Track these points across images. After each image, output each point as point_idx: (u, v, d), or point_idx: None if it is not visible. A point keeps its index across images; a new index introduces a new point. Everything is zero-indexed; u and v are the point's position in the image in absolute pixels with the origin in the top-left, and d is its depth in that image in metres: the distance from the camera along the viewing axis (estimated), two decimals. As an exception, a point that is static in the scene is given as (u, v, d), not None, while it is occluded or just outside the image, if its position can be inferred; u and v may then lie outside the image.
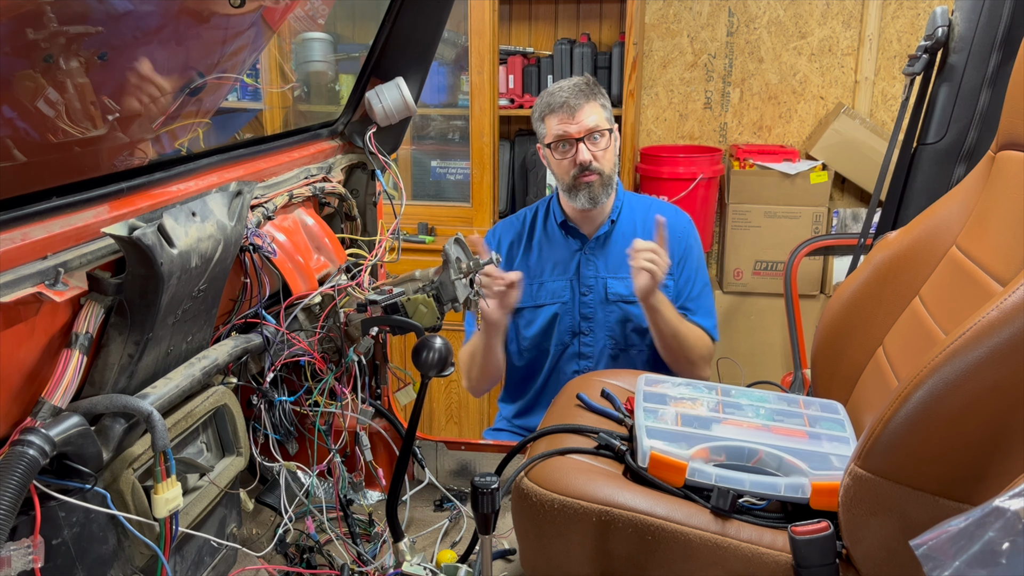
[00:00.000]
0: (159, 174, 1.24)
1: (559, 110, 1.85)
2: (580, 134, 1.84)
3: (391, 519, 1.44)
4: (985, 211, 1.29)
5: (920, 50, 1.86)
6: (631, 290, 1.90)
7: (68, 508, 1.03)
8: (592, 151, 1.86)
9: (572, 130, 1.84)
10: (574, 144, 1.85)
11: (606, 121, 1.88)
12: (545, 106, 1.89)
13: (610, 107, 1.92)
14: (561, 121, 1.86)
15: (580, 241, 1.98)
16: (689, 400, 1.38)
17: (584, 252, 1.97)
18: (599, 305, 1.97)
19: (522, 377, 2.07)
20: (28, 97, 1.26)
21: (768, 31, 3.20)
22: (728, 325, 3.13)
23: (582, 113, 1.84)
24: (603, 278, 1.96)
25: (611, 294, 1.96)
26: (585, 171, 1.86)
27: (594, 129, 1.85)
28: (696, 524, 1.13)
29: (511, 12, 3.26)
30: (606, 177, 1.89)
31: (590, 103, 1.85)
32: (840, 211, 3.06)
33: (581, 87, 1.87)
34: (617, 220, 1.97)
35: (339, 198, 1.71)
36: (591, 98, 1.86)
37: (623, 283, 1.94)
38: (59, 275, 0.99)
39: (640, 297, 1.80)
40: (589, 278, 1.97)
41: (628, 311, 1.95)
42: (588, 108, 1.85)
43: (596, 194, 1.89)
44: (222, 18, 1.53)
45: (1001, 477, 0.89)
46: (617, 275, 1.95)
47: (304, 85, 3.25)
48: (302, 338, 1.47)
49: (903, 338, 1.37)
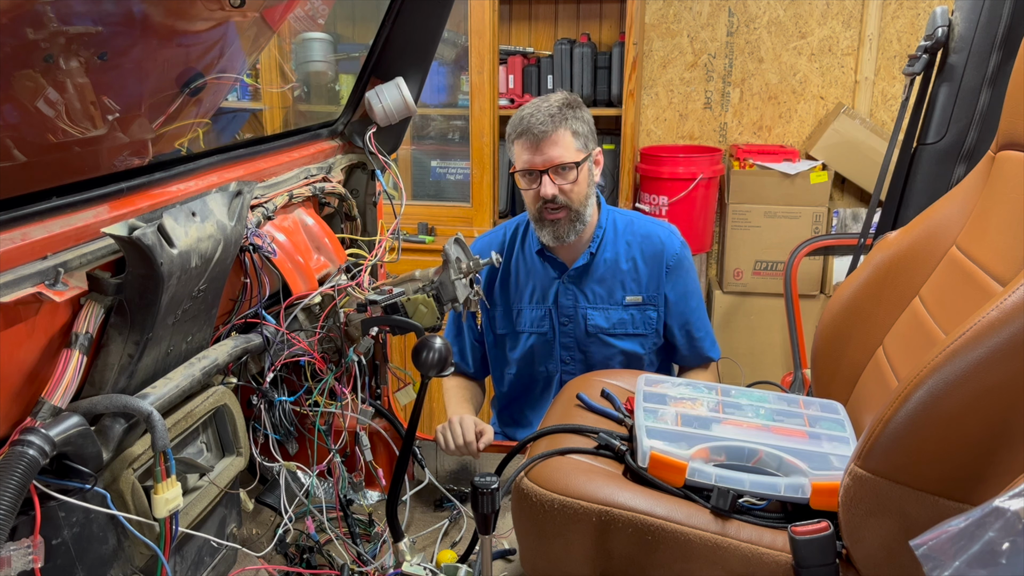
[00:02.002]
0: (159, 174, 1.24)
1: (525, 136, 1.72)
2: (544, 166, 1.71)
3: (391, 519, 1.44)
4: (985, 211, 1.29)
5: (920, 50, 1.86)
6: (612, 323, 1.86)
7: (68, 508, 1.03)
8: (559, 184, 1.73)
9: (536, 161, 1.72)
10: (539, 176, 1.73)
11: (576, 151, 1.73)
12: (513, 129, 1.75)
13: (588, 130, 1.77)
14: (526, 149, 1.73)
15: (559, 270, 1.88)
16: (689, 400, 1.38)
17: (562, 282, 1.88)
18: (580, 337, 1.90)
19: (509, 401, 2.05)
20: (28, 97, 1.26)
21: (768, 31, 3.20)
22: (728, 325, 3.13)
23: (548, 143, 1.70)
24: (583, 309, 1.88)
25: (591, 326, 1.88)
26: (549, 204, 1.74)
27: (558, 162, 1.71)
28: (696, 524, 1.13)
29: (511, 12, 3.26)
30: (574, 212, 1.76)
31: (559, 131, 1.70)
32: (840, 211, 3.06)
33: (553, 111, 1.71)
34: (597, 252, 1.86)
35: (339, 198, 1.71)
36: (561, 124, 1.71)
37: (603, 315, 1.87)
38: (59, 275, 0.99)
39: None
40: (568, 308, 1.88)
41: (610, 343, 1.88)
42: (555, 137, 1.70)
43: (561, 233, 1.77)
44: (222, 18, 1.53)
45: (1001, 477, 0.89)
46: (597, 307, 1.87)
47: (304, 85, 3.25)
48: (302, 338, 1.47)
49: (903, 338, 1.37)
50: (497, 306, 1.95)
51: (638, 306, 1.88)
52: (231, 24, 1.59)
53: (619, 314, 1.88)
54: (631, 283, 1.88)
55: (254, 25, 1.69)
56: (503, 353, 1.99)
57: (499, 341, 1.98)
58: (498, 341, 1.99)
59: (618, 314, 1.88)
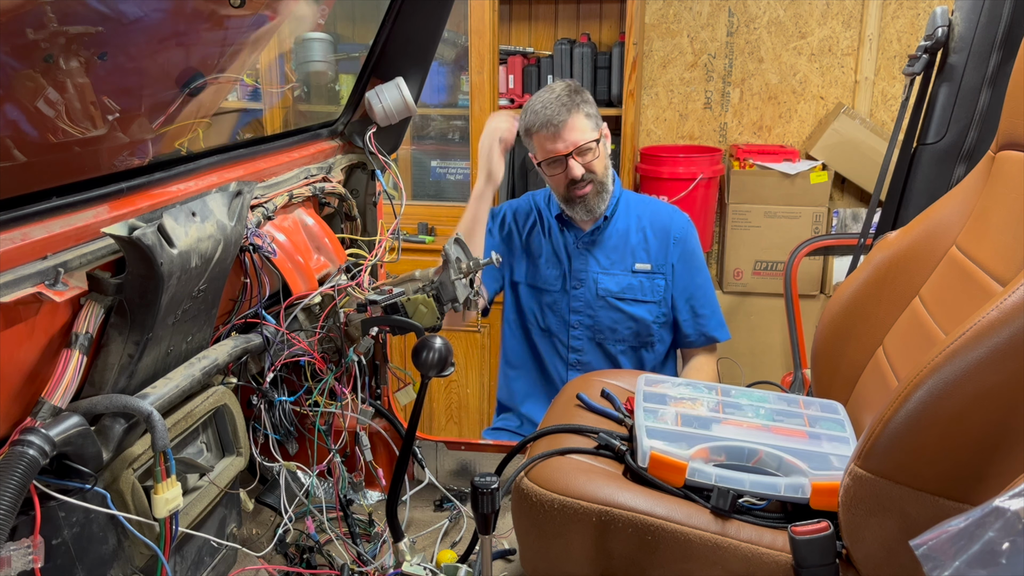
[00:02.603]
0: (159, 174, 1.24)
1: (543, 128, 1.85)
2: (567, 151, 1.85)
3: (391, 519, 1.44)
4: (985, 211, 1.29)
5: (920, 50, 1.86)
6: (621, 287, 1.93)
7: (68, 508, 1.03)
8: (583, 163, 1.86)
9: (560, 147, 1.85)
10: (564, 161, 1.86)
11: (592, 131, 1.87)
12: (530, 123, 1.88)
13: (595, 111, 1.90)
14: (547, 139, 1.86)
15: (574, 234, 2.00)
16: (689, 400, 1.38)
17: (577, 246, 2.00)
18: (590, 300, 1.99)
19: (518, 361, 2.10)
20: (28, 97, 1.26)
21: (768, 31, 3.20)
22: (728, 325, 3.12)
23: (566, 129, 1.83)
24: (594, 273, 1.98)
25: (601, 290, 1.98)
26: (579, 182, 1.87)
27: (581, 144, 1.85)
28: (696, 524, 1.13)
29: (511, 12, 3.26)
30: (599, 183, 1.90)
31: (573, 116, 1.84)
32: (840, 211, 3.06)
33: (563, 100, 1.84)
34: (611, 216, 1.98)
35: (339, 198, 1.71)
36: (573, 110, 1.84)
37: (614, 280, 1.97)
38: (59, 275, 0.99)
39: None
40: (580, 272, 1.99)
41: (619, 307, 1.97)
42: (572, 122, 1.83)
43: (592, 205, 1.91)
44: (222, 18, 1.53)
45: (1001, 477, 0.89)
46: (608, 271, 1.97)
47: (304, 85, 3.25)
48: (302, 338, 1.47)
49: (903, 338, 1.37)
50: (521, 256, 2.05)
51: (647, 273, 1.97)
52: (231, 24, 1.59)
53: (628, 279, 1.98)
54: (641, 252, 1.99)
55: (254, 25, 1.69)
56: (516, 303, 2.07)
57: (515, 289, 2.06)
58: (514, 289, 2.06)
59: (627, 279, 1.98)
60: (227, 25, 1.58)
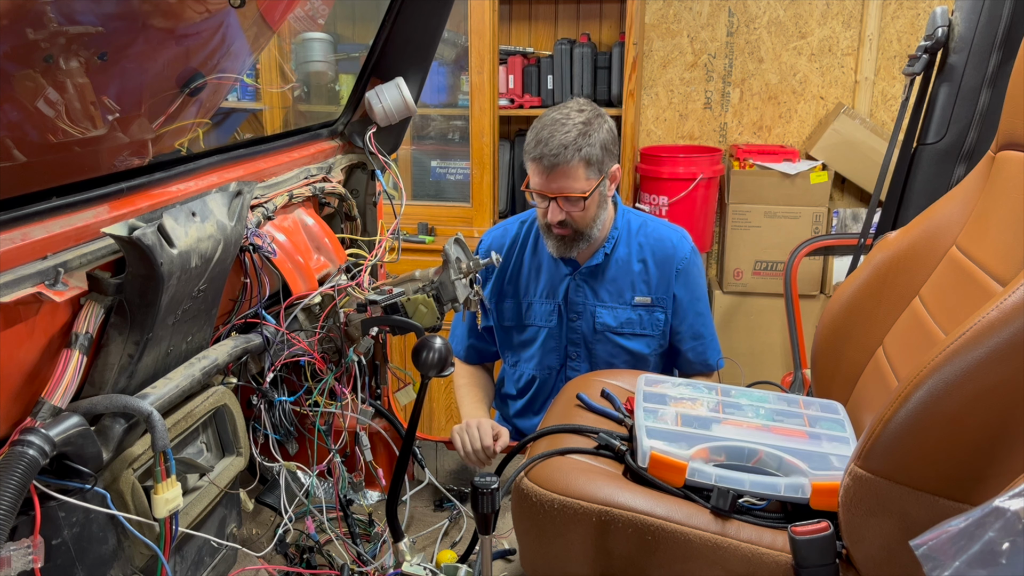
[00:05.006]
0: (159, 174, 1.24)
1: (539, 161, 1.71)
2: (553, 194, 1.73)
3: (391, 519, 1.44)
4: (985, 211, 1.29)
5: (920, 50, 1.86)
6: (620, 322, 1.87)
7: (68, 508, 1.03)
8: (566, 210, 1.74)
9: (546, 188, 1.73)
10: (548, 199, 1.75)
11: (586, 182, 1.72)
12: (530, 148, 1.73)
13: (600, 151, 1.73)
14: (536, 172, 1.73)
15: (571, 267, 1.89)
16: (689, 400, 1.38)
17: (574, 279, 1.89)
18: (587, 333, 1.91)
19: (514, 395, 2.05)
20: (28, 97, 1.26)
21: (768, 31, 3.20)
22: (728, 325, 3.13)
23: (559, 173, 1.70)
24: (592, 306, 1.89)
25: (599, 324, 1.89)
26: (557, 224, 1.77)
27: (567, 193, 1.72)
28: (696, 524, 1.13)
29: (511, 12, 3.26)
30: (578, 232, 1.78)
31: (572, 163, 1.69)
32: (840, 211, 3.06)
33: (571, 138, 1.69)
34: (611, 253, 1.88)
35: (339, 198, 1.71)
36: (574, 156, 1.68)
37: (611, 313, 1.88)
38: (59, 275, 0.99)
39: None
40: (578, 305, 1.90)
41: (616, 342, 1.90)
42: (567, 169, 1.69)
43: (564, 249, 1.81)
44: (222, 18, 1.53)
45: (1001, 477, 0.89)
46: (607, 305, 1.89)
47: (304, 85, 3.25)
48: (302, 338, 1.47)
49: (903, 338, 1.37)
50: (507, 298, 1.97)
51: (646, 307, 1.89)
52: (231, 24, 1.59)
53: (627, 313, 1.89)
54: (641, 284, 1.89)
55: (254, 25, 1.69)
56: (510, 345, 2.00)
57: (506, 333, 1.99)
58: (505, 333, 2.00)
59: (626, 313, 1.89)
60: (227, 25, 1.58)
